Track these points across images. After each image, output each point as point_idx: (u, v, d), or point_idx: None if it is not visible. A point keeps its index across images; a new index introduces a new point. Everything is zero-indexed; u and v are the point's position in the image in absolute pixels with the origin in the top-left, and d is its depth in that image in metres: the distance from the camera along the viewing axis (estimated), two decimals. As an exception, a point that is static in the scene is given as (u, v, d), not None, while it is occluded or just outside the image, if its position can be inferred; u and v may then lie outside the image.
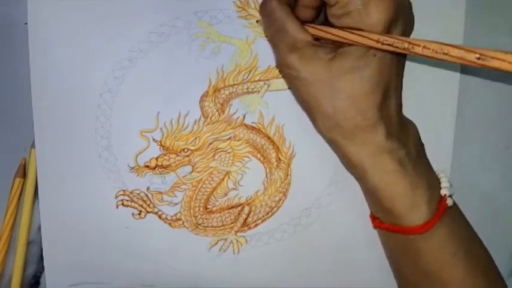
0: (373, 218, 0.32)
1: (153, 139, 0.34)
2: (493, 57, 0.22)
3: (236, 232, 0.35)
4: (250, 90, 0.34)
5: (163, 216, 0.34)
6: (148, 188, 0.34)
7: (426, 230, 0.29)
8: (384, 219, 0.31)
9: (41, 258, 0.35)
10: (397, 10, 0.27)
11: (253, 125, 0.34)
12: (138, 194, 0.34)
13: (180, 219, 0.34)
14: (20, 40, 0.33)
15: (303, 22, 0.29)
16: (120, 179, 0.34)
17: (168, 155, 0.34)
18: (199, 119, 0.34)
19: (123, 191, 0.34)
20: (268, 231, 0.35)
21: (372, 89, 0.28)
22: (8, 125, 0.35)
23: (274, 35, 0.30)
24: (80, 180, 0.34)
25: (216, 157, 0.34)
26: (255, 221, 0.35)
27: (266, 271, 0.35)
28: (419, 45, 0.24)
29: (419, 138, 0.31)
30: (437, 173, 0.31)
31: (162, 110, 0.34)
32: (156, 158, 0.34)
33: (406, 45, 0.25)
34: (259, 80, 0.34)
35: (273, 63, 0.34)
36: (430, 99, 0.34)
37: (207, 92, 0.34)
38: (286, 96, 0.34)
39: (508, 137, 0.36)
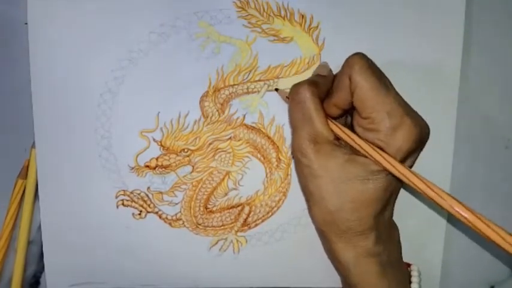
0: None
1: (153, 139, 0.34)
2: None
3: (236, 232, 0.35)
4: (250, 90, 0.34)
5: (164, 216, 0.34)
6: (148, 188, 0.34)
7: None
8: None
9: (41, 258, 0.35)
10: (419, 143, 0.28)
11: (253, 125, 0.34)
12: (139, 194, 0.34)
13: (181, 219, 0.34)
14: (20, 40, 0.33)
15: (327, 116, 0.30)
16: (120, 179, 0.34)
17: (168, 155, 0.34)
18: (199, 119, 0.34)
19: (123, 191, 0.34)
20: (268, 231, 0.35)
21: (375, 200, 0.29)
22: (8, 125, 0.35)
23: (298, 120, 0.30)
24: (80, 180, 0.34)
25: (216, 157, 0.34)
26: (255, 220, 0.35)
27: (266, 271, 0.35)
28: (431, 190, 0.26)
29: (400, 240, 0.32)
30: (411, 269, 0.32)
31: (162, 110, 0.34)
32: (156, 158, 0.34)
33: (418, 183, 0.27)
34: (259, 80, 0.34)
35: (273, 63, 0.34)
36: (430, 100, 0.34)
37: (207, 92, 0.34)
38: (286, 96, 0.34)
39: (508, 137, 0.36)
